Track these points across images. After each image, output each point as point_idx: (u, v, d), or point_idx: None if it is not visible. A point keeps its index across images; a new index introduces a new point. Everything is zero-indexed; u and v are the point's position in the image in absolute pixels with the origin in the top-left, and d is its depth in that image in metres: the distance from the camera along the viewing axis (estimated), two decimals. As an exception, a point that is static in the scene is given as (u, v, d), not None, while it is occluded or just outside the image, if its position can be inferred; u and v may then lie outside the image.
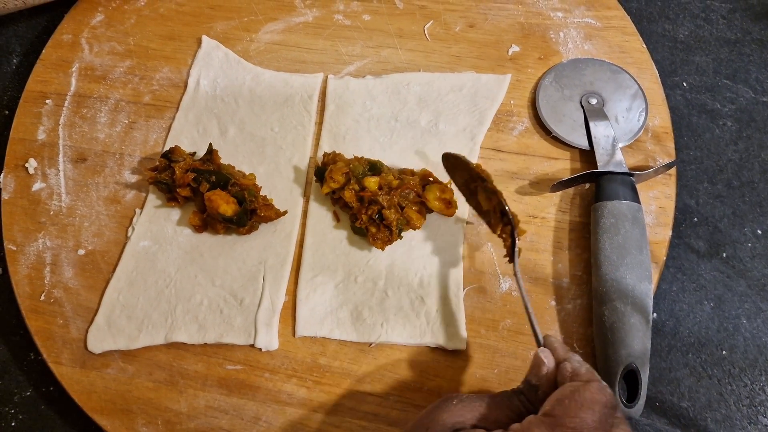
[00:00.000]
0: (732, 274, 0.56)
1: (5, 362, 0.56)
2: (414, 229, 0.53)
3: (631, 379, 0.47)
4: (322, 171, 0.54)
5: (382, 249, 0.52)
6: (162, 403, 0.50)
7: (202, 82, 0.62)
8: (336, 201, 0.55)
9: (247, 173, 0.56)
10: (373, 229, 0.52)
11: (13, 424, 0.54)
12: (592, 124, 0.56)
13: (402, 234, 0.53)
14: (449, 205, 0.53)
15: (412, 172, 0.55)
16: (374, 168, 0.53)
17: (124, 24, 0.66)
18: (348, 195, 0.52)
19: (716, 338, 0.54)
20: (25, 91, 0.63)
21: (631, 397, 0.46)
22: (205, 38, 0.64)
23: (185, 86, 0.62)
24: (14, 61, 0.69)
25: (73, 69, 0.64)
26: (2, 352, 0.56)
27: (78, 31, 0.66)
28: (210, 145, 0.56)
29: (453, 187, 0.53)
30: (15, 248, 0.56)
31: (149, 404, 0.50)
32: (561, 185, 0.53)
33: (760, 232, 0.57)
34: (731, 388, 0.52)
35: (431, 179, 0.54)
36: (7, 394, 0.55)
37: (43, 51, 0.65)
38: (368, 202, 0.52)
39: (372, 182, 0.51)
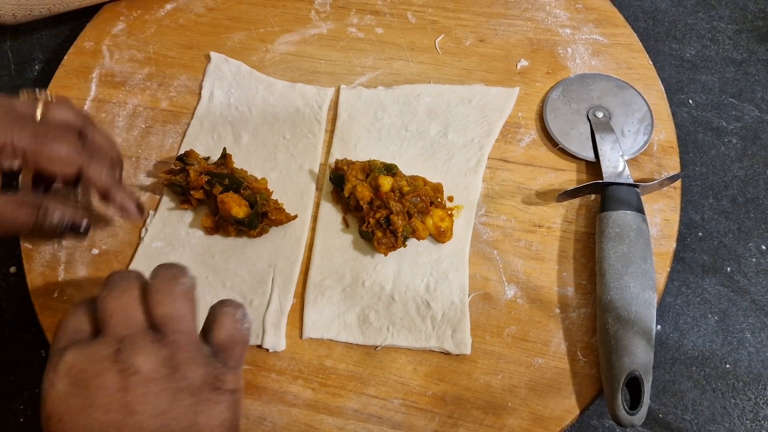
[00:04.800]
0: (736, 289, 0.56)
1: (16, 359, 0.57)
2: (419, 239, 0.54)
3: (633, 387, 0.47)
4: (339, 176, 0.55)
5: (386, 254, 0.53)
6: (169, 401, 0.51)
7: (216, 92, 0.64)
8: (347, 206, 0.56)
9: (259, 178, 0.58)
10: (379, 234, 0.53)
11: (21, 420, 0.55)
12: (598, 137, 0.57)
13: (407, 242, 0.54)
14: (442, 234, 0.54)
15: (424, 181, 0.56)
16: (389, 169, 0.54)
17: (145, 33, 0.68)
18: (360, 189, 0.53)
19: (720, 352, 0.54)
20: (46, 96, 0.65)
21: (634, 404, 0.46)
22: (213, 54, 0.66)
23: (201, 94, 0.64)
24: (36, 67, 0.71)
25: (94, 75, 0.66)
26: (14, 349, 0.57)
27: (99, 39, 0.68)
28: (224, 149, 0.57)
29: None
30: (31, 247, 0.57)
31: (157, 402, 0.51)
32: (567, 195, 0.54)
33: (764, 248, 0.58)
34: (735, 402, 0.52)
35: (439, 199, 0.55)
36: (16, 390, 0.56)
37: (65, 57, 0.67)
38: (377, 206, 0.53)
39: (386, 181, 0.53)
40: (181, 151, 0.59)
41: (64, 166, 0.46)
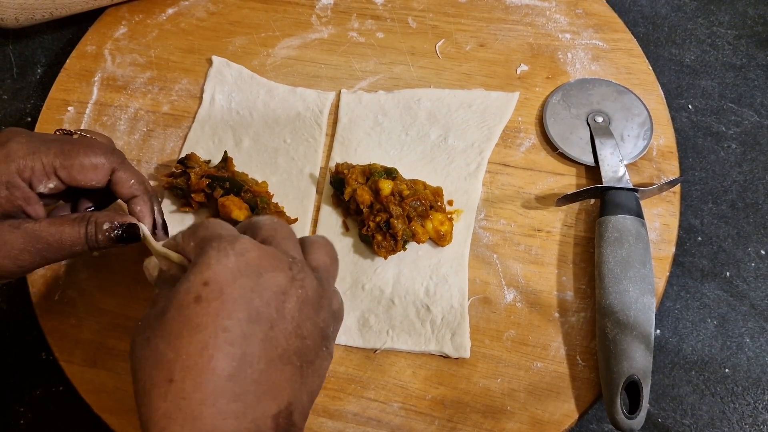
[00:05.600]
0: (735, 294, 0.56)
1: (17, 361, 0.57)
2: (418, 243, 0.54)
3: (632, 391, 0.47)
4: (339, 180, 0.56)
5: (385, 258, 0.53)
6: (169, 404, 0.51)
7: (217, 96, 0.64)
8: (348, 209, 0.56)
9: (260, 181, 0.58)
10: (379, 237, 0.53)
11: (22, 422, 0.55)
12: (597, 142, 0.57)
13: (406, 246, 0.54)
14: (442, 238, 0.54)
15: (424, 185, 0.56)
16: (389, 173, 0.54)
17: (146, 37, 0.68)
18: (361, 193, 0.53)
19: (719, 356, 0.54)
20: (48, 99, 0.65)
21: (633, 409, 0.46)
22: (214, 58, 0.66)
23: (202, 98, 0.64)
24: (39, 71, 0.71)
25: (96, 79, 0.66)
26: (15, 351, 0.57)
27: (101, 43, 0.68)
28: (225, 152, 0.57)
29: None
30: (32, 249, 0.58)
31: (157, 404, 0.51)
32: (566, 199, 0.54)
33: (763, 252, 0.58)
34: (734, 406, 0.52)
35: (439, 202, 0.55)
36: (17, 392, 0.56)
37: (67, 61, 0.67)
38: (377, 210, 0.53)
39: (386, 185, 0.53)
40: (182, 155, 0.60)
41: (98, 174, 0.46)
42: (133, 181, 0.48)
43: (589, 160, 0.57)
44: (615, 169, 0.55)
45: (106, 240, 0.45)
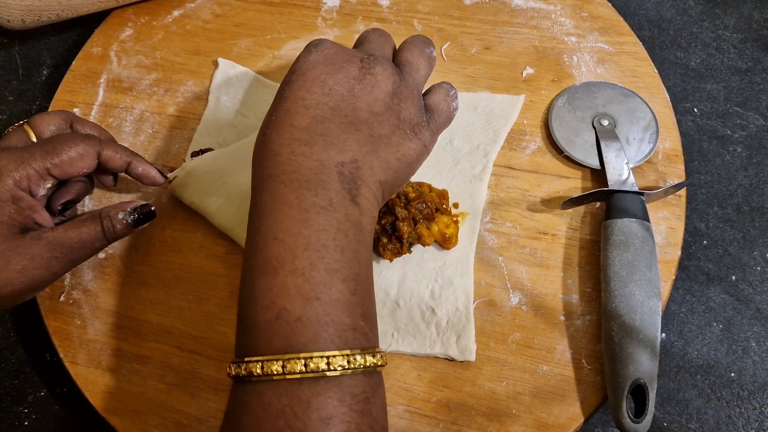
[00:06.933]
0: (741, 298, 0.56)
1: (21, 362, 0.57)
2: (424, 246, 0.54)
3: (638, 394, 0.47)
4: None
5: (391, 260, 0.53)
6: (174, 406, 0.51)
7: (222, 98, 0.64)
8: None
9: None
10: (384, 240, 0.53)
11: (26, 423, 0.55)
12: (603, 145, 0.57)
13: (412, 249, 0.54)
14: (447, 241, 0.54)
15: (429, 188, 0.56)
16: None
17: (152, 39, 0.68)
18: None
19: (725, 361, 0.54)
20: (54, 100, 0.65)
21: (639, 413, 0.46)
22: (220, 60, 0.66)
23: (207, 100, 0.64)
24: (44, 72, 0.72)
25: (101, 80, 0.66)
26: (19, 352, 0.58)
27: (107, 45, 0.68)
28: (230, 154, 0.58)
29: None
30: (37, 250, 0.58)
31: (161, 406, 0.51)
32: (572, 202, 0.54)
33: (769, 256, 0.58)
34: (740, 410, 0.52)
35: (444, 205, 0.55)
36: (21, 393, 0.56)
37: (73, 62, 0.67)
38: (383, 212, 0.53)
39: None
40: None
41: (86, 160, 0.49)
42: (119, 153, 0.51)
43: (594, 163, 0.57)
44: (620, 172, 0.55)
45: (125, 228, 0.50)
